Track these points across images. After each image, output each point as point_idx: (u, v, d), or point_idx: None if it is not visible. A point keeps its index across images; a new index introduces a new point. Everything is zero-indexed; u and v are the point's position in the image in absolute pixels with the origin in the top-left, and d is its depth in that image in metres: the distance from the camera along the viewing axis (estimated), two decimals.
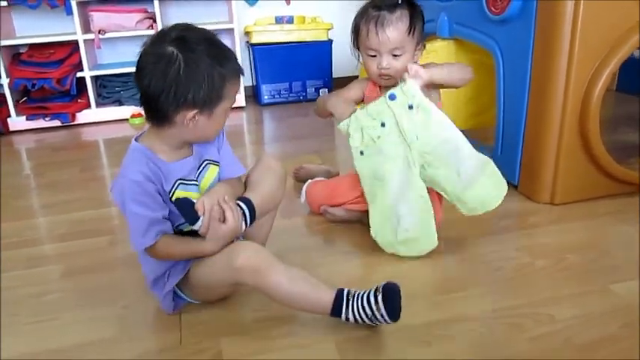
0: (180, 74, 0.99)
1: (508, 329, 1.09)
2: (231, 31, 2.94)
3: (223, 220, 1.06)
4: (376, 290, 1.05)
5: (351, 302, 1.06)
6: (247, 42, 3.06)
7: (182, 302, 1.19)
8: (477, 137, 2.09)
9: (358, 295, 1.06)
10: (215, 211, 1.05)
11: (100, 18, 2.78)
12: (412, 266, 1.33)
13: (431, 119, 1.29)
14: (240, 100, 3.04)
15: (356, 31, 1.40)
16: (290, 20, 3.05)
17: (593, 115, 1.51)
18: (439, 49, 2.04)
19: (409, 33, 1.34)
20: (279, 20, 3.06)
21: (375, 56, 1.38)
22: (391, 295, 1.04)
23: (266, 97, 3.07)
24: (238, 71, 1.08)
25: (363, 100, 1.48)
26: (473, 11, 1.81)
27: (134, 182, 1.03)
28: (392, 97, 1.29)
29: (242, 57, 3.01)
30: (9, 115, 2.79)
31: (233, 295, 1.23)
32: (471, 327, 1.10)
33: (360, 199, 1.48)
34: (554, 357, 1.01)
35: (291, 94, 3.10)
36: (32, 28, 2.91)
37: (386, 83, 1.41)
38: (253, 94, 3.20)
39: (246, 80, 3.13)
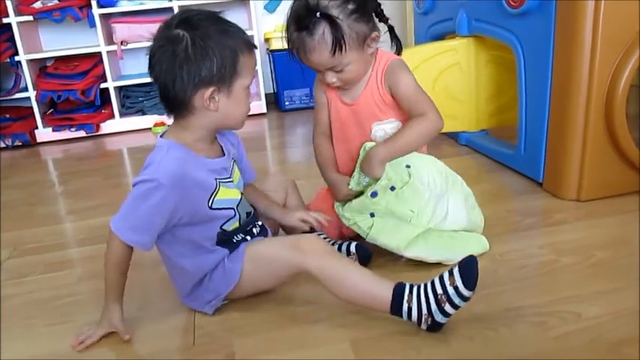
0: (189, 52, 0.98)
1: (531, 328, 1.04)
2: (250, 38, 2.95)
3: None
4: (451, 268, 1.00)
5: (415, 288, 1.01)
6: (267, 49, 3.07)
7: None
8: (500, 135, 2.06)
9: (425, 284, 1.02)
10: None
11: (122, 29, 2.83)
12: (432, 264, 1.29)
13: (417, 186, 1.23)
14: (262, 106, 3.05)
15: (288, 43, 1.23)
16: None
17: (619, 107, 1.46)
18: (458, 48, 2.00)
19: (334, 52, 1.16)
20: None
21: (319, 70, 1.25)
22: (468, 264, 0.98)
23: (287, 103, 3.07)
24: (250, 44, 1.06)
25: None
26: (492, 6, 1.77)
27: (167, 190, 1.00)
28: (374, 195, 1.20)
29: (263, 64, 3.02)
30: (36, 127, 2.85)
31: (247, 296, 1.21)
32: (492, 326, 1.05)
33: None
34: (580, 356, 0.96)
35: (311, 100, 3.08)
36: (58, 42, 2.98)
37: (345, 89, 1.30)
38: (274, 101, 3.20)
39: (266, 87, 3.14)
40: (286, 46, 1.23)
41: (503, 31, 1.74)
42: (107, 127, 2.92)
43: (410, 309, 1.01)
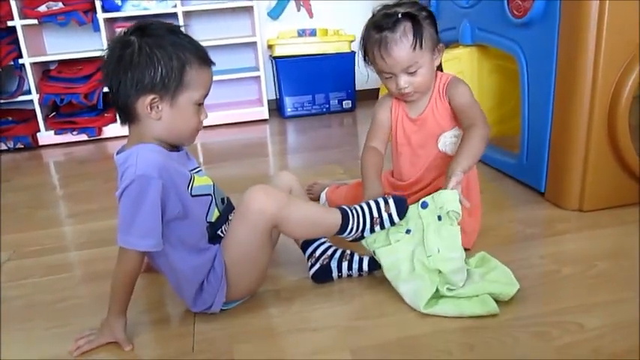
0: (134, 56, 0.99)
1: (533, 338, 1.03)
2: (254, 44, 2.96)
3: None
4: (384, 198, 1.20)
5: (355, 212, 1.17)
6: (270, 55, 3.07)
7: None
8: (502, 145, 2.05)
9: (361, 207, 1.19)
10: None
11: None
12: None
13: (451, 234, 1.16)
14: (264, 112, 3.05)
15: (364, 52, 1.34)
16: (313, 33, 3.06)
17: (622, 118, 1.46)
18: (461, 57, 2.01)
19: (414, 48, 1.25)
20: (301, 33, 3.07)
21: (391, 77, 1.31)
22: (400, 200, 1.19)
23: (289, 109, 3.07)
24: (204, 59, 1.06)
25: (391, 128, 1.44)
26: (495, 16, 1.77)
27: (156, 180, 1.00)
28: (424, 205, 1.18)
29: (265, 70, 3.03)
30: (38, 130, 2.85)
31: (246, 302, 1.21)
32: (494, 335, 1.04)
33: None
34: None
35: (314, 107, 3.09)
36: (62, 45, 2.98)
37: (410, 100, 1.36)
38: (277, 107, 3.20)
39: (269, 93, 3.14)
40: (361, 54, 1.35)
41: (506, 40, 1.75)
42: (109, 131, 2.92)
43: (351, 229, 1.17)
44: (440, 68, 1.46)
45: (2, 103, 2.83)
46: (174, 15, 2.83)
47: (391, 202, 1.19)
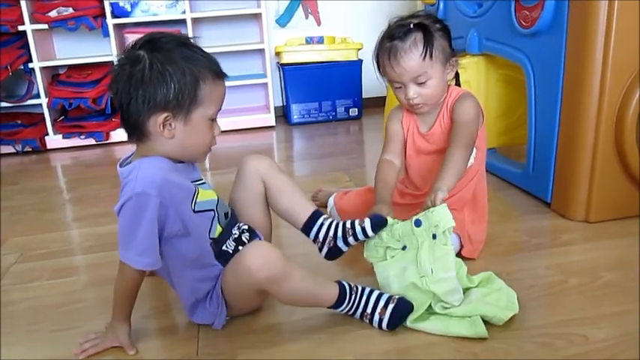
0: (145, 74, 0.95)
1: (538, 349, 1.03)
2: (262, 51, 2.98)
3: None
4: (390, 297, 1.10)
5: (354, 297, 1.11)
6: (278, 62, 3.09)
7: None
8: (508, 154, 2.05)
9: (362, 291, 1.12)
10: None
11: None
12: None
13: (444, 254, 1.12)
14: (271, 119, 3.06)
15: (377, 62, 1.35)
16: (320, 40, 3.07)
17: (630, 128, 1.46)
18: (468, 66, 2.01)
19: (424, 58, 1.26)
20: (309, 41, 3.08)
21: (401, 87, 1.32)
22: (402, 309, 1.09)
23: (296, 116, 3.08)
24: (217, 73, 1.03)
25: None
26: (503, 26, 1.78)
27: (154, 198, 0.98)
28: (417, 224, 1.14)
29: (273, 77, 3.04)
30: (46, 134, 2.87)
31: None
32: (498, 345, 1.04)
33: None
34: None
35: (320, 114, 3.10)
36: (71, 50, 3.00)
37: (420, 112, 1.36)
38: (283, 114, 3.21)
39: (276, 100, 3.16)
40: (374, 65, 1.35)
41: (513, 50, 1.75)
42: (116, 135, 2.94)
43: (343, 309, 1.11)
44: (457, 81, 1.45)
45: (12, 107, 2.85)
46: (184, 21, 2.85)
47: (390, 308, 1.09)
